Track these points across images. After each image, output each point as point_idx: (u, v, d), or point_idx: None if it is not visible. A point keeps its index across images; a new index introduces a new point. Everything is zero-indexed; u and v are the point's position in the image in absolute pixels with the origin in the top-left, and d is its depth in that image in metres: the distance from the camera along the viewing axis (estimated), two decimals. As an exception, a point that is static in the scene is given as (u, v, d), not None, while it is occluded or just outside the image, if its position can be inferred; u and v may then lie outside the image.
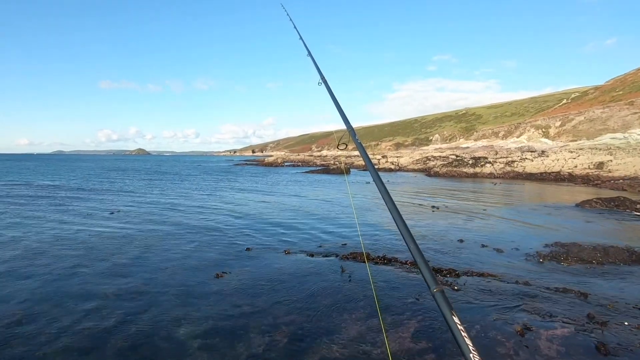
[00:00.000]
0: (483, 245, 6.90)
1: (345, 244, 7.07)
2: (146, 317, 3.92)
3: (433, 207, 11.86)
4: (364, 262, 5.62)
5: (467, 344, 1.04)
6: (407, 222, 1.48)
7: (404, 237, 1.40)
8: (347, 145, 2.20)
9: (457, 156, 37.84)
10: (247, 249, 6.68)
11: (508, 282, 4.87)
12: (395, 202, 1.58)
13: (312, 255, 6.27)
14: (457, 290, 4.57)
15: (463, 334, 1.07)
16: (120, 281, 5.02)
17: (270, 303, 4.31)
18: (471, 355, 1.02)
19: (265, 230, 8.47)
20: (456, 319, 1.10)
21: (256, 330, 3.65)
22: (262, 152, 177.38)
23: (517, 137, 58.91)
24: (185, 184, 22.25)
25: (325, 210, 11.50)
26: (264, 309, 4.14)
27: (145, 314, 4.00)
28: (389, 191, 1.63)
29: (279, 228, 8.68)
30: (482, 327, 3.57)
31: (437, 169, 29.78)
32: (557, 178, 23.56)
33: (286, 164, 53.84)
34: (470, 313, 4.00)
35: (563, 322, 3.52)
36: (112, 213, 10.67)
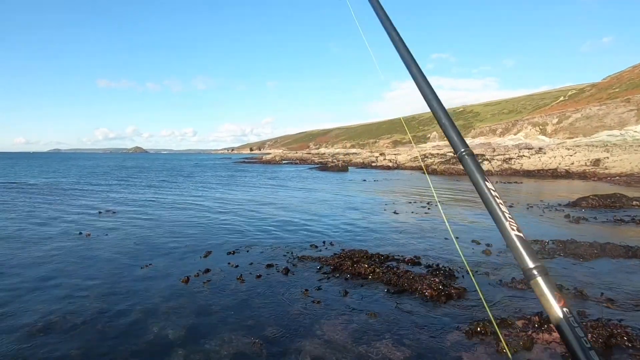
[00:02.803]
0: (477, 242, 6.91)
1: (328, 245, 7.06)
2: (127, 313, 3.92)
3: (429, 203, 11.87)
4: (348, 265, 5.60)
5: (503, 211, 0.97)
6: (402, 220, 1.48)
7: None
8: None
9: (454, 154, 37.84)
10: (232, 252, 6.64)
11: (503, 281, 4.89)
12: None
13: (303, 258, 6.27)
14: (444, 293, 4.59)
15: (498, 200, 1.00)
16: (100, 281, 5.01)
17: (251, 308, 4.30)
18: (507, 223, 0.96)
19: (256, 226, 8.46)
20: (489, 184, 1.02)
21: (233, 333, 3.65)
22: (260, 150, 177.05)
23: (515, 134, 59.01)
24: (179, 179, 22.20)
25: (316, 207, 11.49)
26: (242, 312, 4.12)
27: (127, 309, 4.00)
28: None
29: (268, 226, 8.67)
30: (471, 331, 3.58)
31: (435, 167, 29.80)
32: (554, 175, 23.64)
33: (284, 161, 53.79)
34: (462, 318, 4.01)
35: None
36: (100, 213, 10.57)
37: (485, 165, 27.97)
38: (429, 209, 11.05)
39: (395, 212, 10.09)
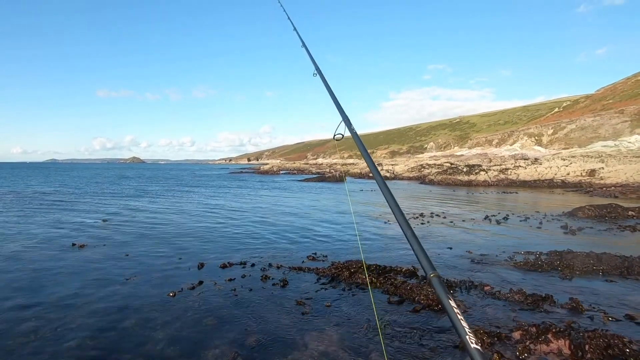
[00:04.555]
0: (470, 252, 6.90)
1: (322, 257, 7.04)
2: (114, 326, 3.87)
3: (422, 215, 11.87)
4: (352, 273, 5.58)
5: (463, 327, 1.04)
6: (396, 230, 1.48)
7: (399, 223, 1.39)
8: (343, 136, 2.18)
9: (451, 164, 38.06)
10: (225, 265, 6.60)
11: (502, 291, 4.87)
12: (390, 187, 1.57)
13: (299, 269, 6.23)
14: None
15: (459, 316, 1.07)
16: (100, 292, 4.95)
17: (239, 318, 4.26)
18: (467, 337, 1.02)
19: (251, 238, 8.42)
20: (452, 303, 1.10)
21: (223, 340, 3.61)
22: (258, 160, 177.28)
23: (511, 144, 59.47)
24: (177, 188, 22.13)
25: (311, 218, 11.47)
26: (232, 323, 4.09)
27: (115, 322, 3.95)
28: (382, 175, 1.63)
29: (264, 237, 8.63)
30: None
31: (432, 177, 29.91)
32: (550, 185, 23.77)
33: (282, 172, 53.80)
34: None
35: (553, 334, 3.52)
36: (105, 221, 10.59)
37: (482, 176, 28.10)
38: (422, 219, 11.05)
39: (387, 222, 10.11)
